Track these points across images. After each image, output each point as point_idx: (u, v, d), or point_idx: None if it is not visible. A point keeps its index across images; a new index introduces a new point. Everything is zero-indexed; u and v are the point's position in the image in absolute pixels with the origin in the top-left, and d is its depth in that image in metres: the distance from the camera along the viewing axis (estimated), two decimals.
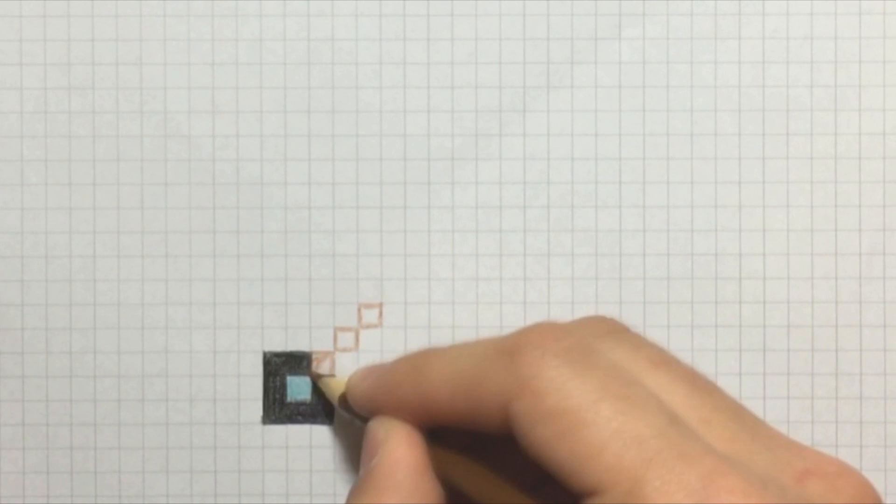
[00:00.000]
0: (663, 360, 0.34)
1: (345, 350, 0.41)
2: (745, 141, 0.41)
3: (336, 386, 0.40)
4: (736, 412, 0.34)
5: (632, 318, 0.40)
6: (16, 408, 0.41)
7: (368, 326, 0.41)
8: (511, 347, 0.34)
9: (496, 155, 0.41)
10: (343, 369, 0.41)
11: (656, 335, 0.40)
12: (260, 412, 0.41)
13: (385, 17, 0.41)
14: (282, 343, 0.41)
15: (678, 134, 0.41)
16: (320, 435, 0.41)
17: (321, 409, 0.41)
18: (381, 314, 0.41)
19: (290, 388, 0.41)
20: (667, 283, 0.41)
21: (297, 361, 0.41)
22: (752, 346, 0.41)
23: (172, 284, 0.41)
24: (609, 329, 0.35)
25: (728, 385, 0.39)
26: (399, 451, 0.35)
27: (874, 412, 0.41)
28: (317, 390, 0.41)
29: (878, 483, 0.34)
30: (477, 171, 0.41)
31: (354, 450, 0.41)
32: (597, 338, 0.34)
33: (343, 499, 0.40)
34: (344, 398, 0.39)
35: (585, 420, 0.32)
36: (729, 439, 0.32)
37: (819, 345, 0.41)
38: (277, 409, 0.41)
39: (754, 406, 0.37)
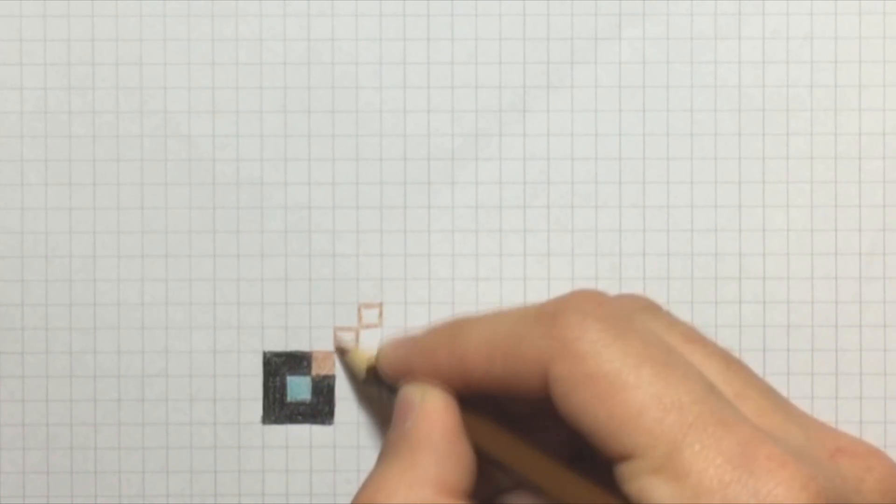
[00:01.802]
0: (698, 336, 0.35)
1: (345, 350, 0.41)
2: (745, 141, 0.41)
3: (363, 358, 0.39)
4: (768, 391, 0.34)
5: None
6: (16, 408, 0.41)
7: (368, 326, 0.41)
8: (552, 311, 0.34)
9: (496, 155, 0.41)
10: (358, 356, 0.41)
11: None
12: (260, 412, 0.41)
13: (385, 17, 0.41)
14: (282, 343, 0.41)
15: (678, 134, 0.41)
16: (320, 435, 0.41)
17: (321, 408, 0.41)
18: (381, 314, 0.41)
19: (290, 388, 0.41)
20: (667, 283, 0.41)
21: (297, 361, 0.41)
22: (752, 346, 0.41)
23: (172, 284, 0.41)
24: (645, 305, 0.36)
25: None
26: (435, 413, 0.35)
27: (874, 412, 0.41)
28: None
29: None
30: (477, 171, 0.41)
31: (354, 450, 0.41)
32: (634, 310, 0.35)
33: (343, 498, 0.40)
34: (373, 370, 0.39)
35: (626, 383, 0.32)
36: (763, 414, 0.33)
37: (819, 345, 0.41)
38: (277, 409, 0.41)
39: None
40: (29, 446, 0.41)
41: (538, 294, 0.41)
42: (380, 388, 0.38)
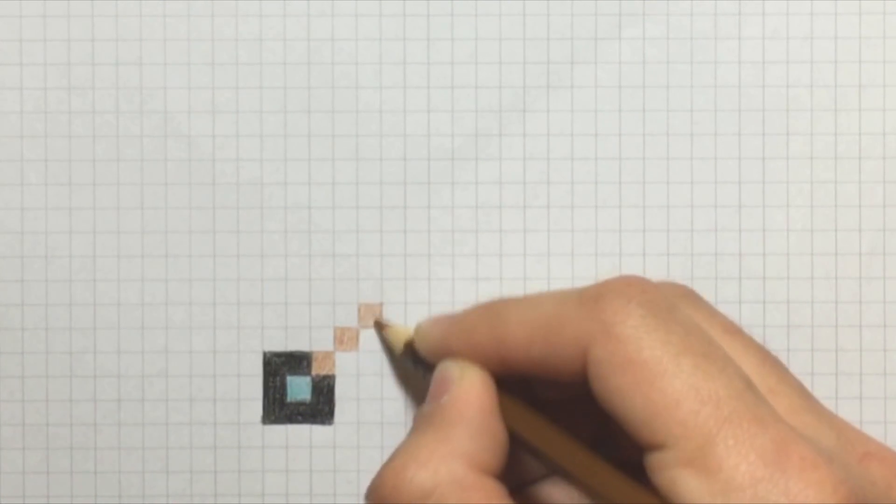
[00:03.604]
0: (737, 329, 0.35)
1: (345, 350, 0.41)
2: (745, 141, 0.41)
3: (401, 334, 0.39)
4: (801, 390, 0.34)
5: None
6: (16, 408, 0.41)
7: (369, 326, 0.41)
8: (595, 294, 0.34)
9: (496, 155, 0.41)
10: (395, 316, 0.40)
11: None
12: (260, 412, 0.41)
13: (385, 17, 0.41)
14: (282, 343, 0.41)
15: (678, 134, 0.41)
16: (320, 435, 0.41)
17: (321, 408, 0.41)
18: (381, 314, 0.41)
19: (290, 388, 0.41)
20: None
21: (297, 361, 0.41)
22: None
23: (172, 284, 0.41)
24: (686, 293, 0.36)
25: None
26: (472, 390, 0.35)
27: (874, 412, 0.41)
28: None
29: None
30: (477, 171, 0.41)
31: (354, 450, 0.41)
32: (676, 298, 0.35)
33: (343, 499, 0.40)
34: (410, 345, 0.38)
35: (665, 371, 0.32)
36: (795, 413, 0.33)
37: (819, 345, 0.41)
38: (277, 409, 0.41)
39: None
40: (29, 446, 0.41)
41: None
42: (415, 365, 0.38)
